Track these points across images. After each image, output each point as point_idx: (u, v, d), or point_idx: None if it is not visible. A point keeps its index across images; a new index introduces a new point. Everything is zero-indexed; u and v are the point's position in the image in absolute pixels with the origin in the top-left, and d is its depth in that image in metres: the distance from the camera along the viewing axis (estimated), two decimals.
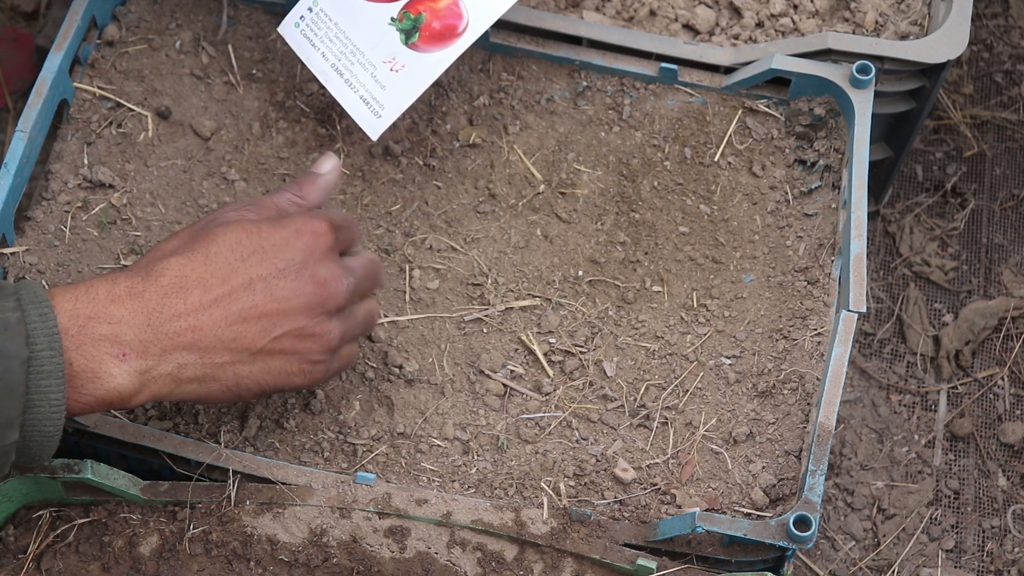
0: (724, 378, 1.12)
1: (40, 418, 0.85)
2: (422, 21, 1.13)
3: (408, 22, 1.14)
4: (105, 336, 0.87)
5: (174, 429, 1.08)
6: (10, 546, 1.03)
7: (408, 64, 1.13)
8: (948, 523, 1.33)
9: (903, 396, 1.39)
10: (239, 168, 1.20)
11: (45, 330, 0.84)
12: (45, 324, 0.84)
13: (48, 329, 0.84)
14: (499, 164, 1.21)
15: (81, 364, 0.86)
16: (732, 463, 1.08)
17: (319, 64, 1.16)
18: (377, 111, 1.14)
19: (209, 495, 1.03)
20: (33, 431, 0.86)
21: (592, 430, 1.09)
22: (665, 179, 1.20)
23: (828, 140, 1.20)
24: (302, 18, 1.17)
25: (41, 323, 0.84)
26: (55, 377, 0.84)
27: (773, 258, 1.17)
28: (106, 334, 0.87)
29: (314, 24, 1.16)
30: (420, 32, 1.13)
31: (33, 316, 0.84)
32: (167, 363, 0.90)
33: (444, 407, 1.10)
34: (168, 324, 0.90)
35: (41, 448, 0.87)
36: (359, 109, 1.15)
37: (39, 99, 1.14)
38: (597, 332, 1.14)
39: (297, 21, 1.17)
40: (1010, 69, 1.57)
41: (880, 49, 1.20)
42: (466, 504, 1.03)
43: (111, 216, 1.16)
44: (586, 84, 1.24)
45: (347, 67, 1.15)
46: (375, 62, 1.14)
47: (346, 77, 1.15)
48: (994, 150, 1.53)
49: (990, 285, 1.45)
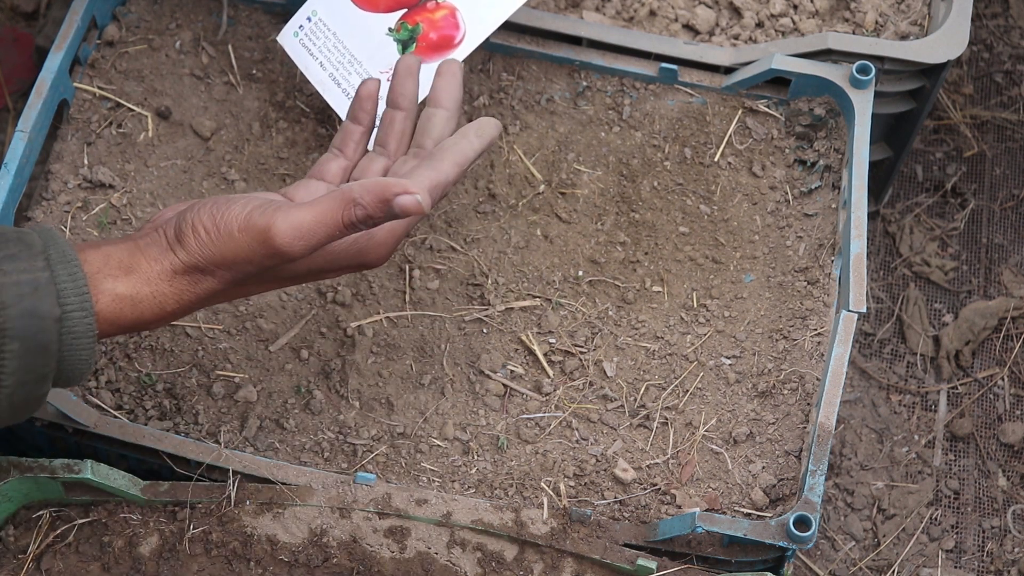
0: (724, 378, 1.12)
1: (69, 370, 0.87)
2: (419, 32, 1.14)
3: (405, 33, 1.14)
4: (126, 295, 0.89)
5: (174, 429, 1.08)
6: (10, 546, 1.03)
7: None
8: (948, 523, 1.33)
9: (903, 396, 1.39)
10: (239, 168, 1.20)
11: (75, 289, 0.85)
12: (75, 284, 0.85)
13: (78, 288, 0.85)
14: (499, 164, 1.21)
15: (104, 310, 0.88)
16: (732, 463, 1.08)
17: (317, 74, 1.16)
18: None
19: (209, 495, 1.03)
20: (60, 381, 0.88)
21: (592, 430, 1.09)
22: (665, 179, 1.20)
23: (828, 140, 1.20)
24: (301, 28, 1.17)
25: (71, 282, 0.85)
26: (86, 336, 0.86)
27: (773, 258, 1.17)
28: (127, 293, 0.89)
29: (312, 34, 1.17)
30: (417, 43, 1.14)
31: (63, 275, 0.85)
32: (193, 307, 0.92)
33: (444, 407, 1.10)
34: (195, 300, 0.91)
35: (68, 383, 0.89)
36: None
37: (39, 99, 1.14)
38: (597, 332, 1.14)
39: (296, 31, 1.17)
40: (1010, 69, 1.57)
41: (880, 49, 1.20)
42: (466, 504, 1.03)
43: (111, 216, 1.16)
44: (586, 84, 1.24)
45: (345, 77, 1.15)
46: (373, 72, 1.15)
47: (344, 87, 1.15)
48: (994, 150, 1.53)
49: (990, 285, 1.45)
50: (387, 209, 0.88)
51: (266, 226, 0.87)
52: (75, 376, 0.87)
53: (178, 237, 0.89)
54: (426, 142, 1.01)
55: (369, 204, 0.88)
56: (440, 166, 0.94)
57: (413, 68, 1.03)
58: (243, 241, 0.88)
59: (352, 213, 0.88)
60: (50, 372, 0.86)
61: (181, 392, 1.09)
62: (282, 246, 0.87)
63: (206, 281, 0.90)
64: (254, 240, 0.87)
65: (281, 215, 0.87)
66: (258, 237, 0.87)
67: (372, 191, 0.88)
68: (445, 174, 0.94)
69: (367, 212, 0.88)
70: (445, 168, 0.95)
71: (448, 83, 1.03)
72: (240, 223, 0.88)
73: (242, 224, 0.88)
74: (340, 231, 0.88)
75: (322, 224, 0.88)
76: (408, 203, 0.88)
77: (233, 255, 0.88)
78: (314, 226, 0.87)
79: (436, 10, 1.14)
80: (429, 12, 1.14)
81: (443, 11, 1.14)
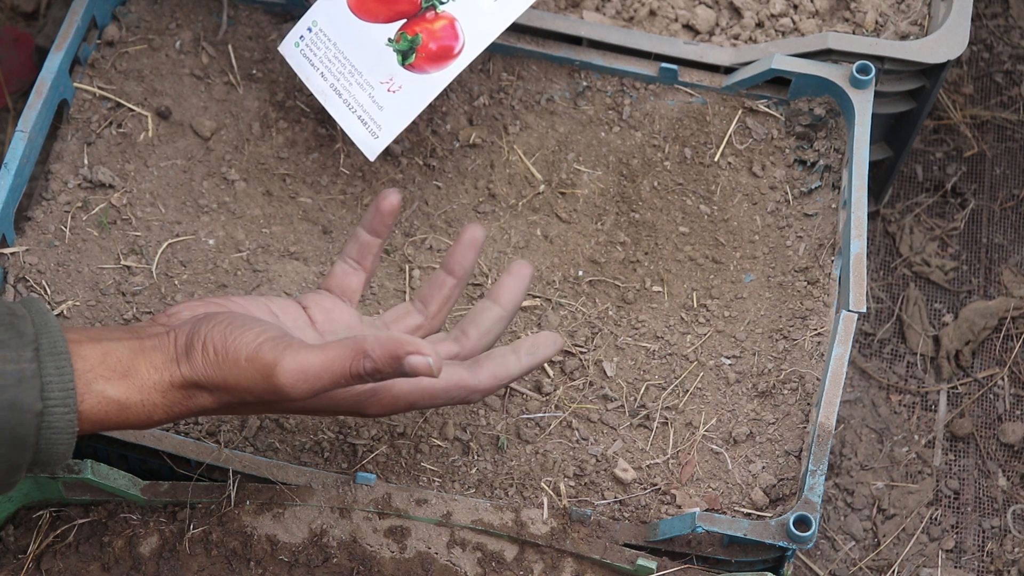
0: (724, 378, 1.12)
1: (45, 460, 0.86)
2: (418, 42, 1.14)
3: (405, 43, 1.14)
4: (115, 399, 0.87)
5: (174, 429, 1.08)
6: (10, 546, 1.03)
7: (405, 85, 1.14)
8: (948, 523, 1.33)
9: (903, 396, 1.39)
10: (239, 168, 1.20)
11: (61, 384, 0.84)
12: (61, 379, 0.84)
13: (64, 384, 0.84)
14: (499, 164, 1.21)
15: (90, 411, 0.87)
16: (732, 463, 1.08)
17: (318, 84, 1.17)
18: (375, 131, 1.14)
19: (209, 495, 1.03)
20: (35, 468, 0.87)
21: (592, 430, 1.09)
22: (665, 179, 1.20)
23: (828, 140, 1.20)
24: (302, 38, 1.17)
25: (57, 376, 0.84)
26: (66, 432, 0.85)
27: (773, 258, 1.17)
28: (117, 397, 0.87)
29: (313, 44, 1.17)
30: (417, 53, 1.14)
31: (50, 368, 0.84)
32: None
33: (444, 407, 1.10)
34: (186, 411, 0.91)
35: (42, 470, 0.88)
36: (357, 129, 1.15)
37: (39, 99, 1.14)
38: (597, 332, 1.14)
39: (297, 41, 1.17)
40: (1010, 69, 1.57)
41: (880, 49, 1.20)
42: (466, 504, 1.03)
43: (111, 216, 1.16)
44: (586, 84, 1.24)
45: (345, 87, 1.16)
46: (373, 83, 1.15)
47: (344, 97, 1.16)
48: (994, 150, 1.53)
49: (990, 285, 1.45)
50: (397, 367, 0.86)
51: (273, 362, 0.85)
52: (50, 464, 0.86)
53: (187, 350, 0.87)
54: (470, 331, 0.99)
55: (379, 359, 0.86)
56: (477, 372, 0.96)
57: (477, 240, 1.01)
58: (248, 371, 0.86)
59: (361, 365, 0.86)
60: (24, 463, 0.85)
61: None
62: (284, 386, 0.85)
63: (201, 398, 0.88)
64: (258, 373, 0.86)
65: (290, 354, 0.85)
66: (263, 371, 0.85)
67: (384, 346, 0.86)
68: (478, 379, 0.96)
69: (376, 366, 0.86)
70: (481, 376, 0.96)
71: (515, 284, 1.01)
72: (248, 353, 0.86)
73: (250, 354, 0.86)
74: (346, 380, 0.86)
75: (329, 371, 0.86)
76: (419, 364, 0.85)
77: (235, 382, 0.87)
78: (320, 372, 0.86)
79: (435, 20, 1.14)
80: (428, 23, 1.14)
81: (442, 21, 1.14)
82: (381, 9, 1.15)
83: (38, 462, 0.86)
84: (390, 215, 1.01)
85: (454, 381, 0.95)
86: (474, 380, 0.95)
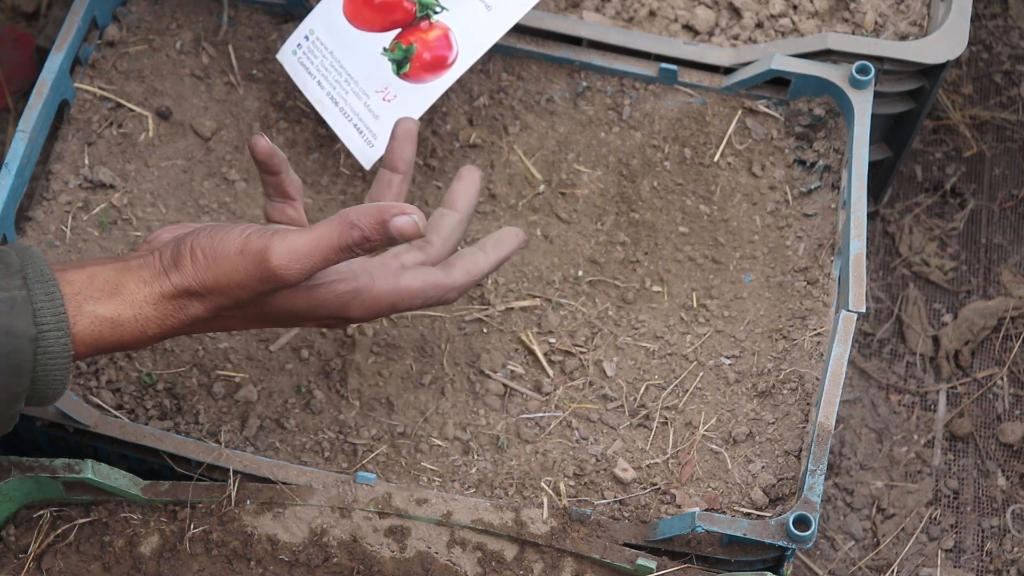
0: (724, 378, 1.12)
1: (43, 389, 0.87)
2: (413, 52, 1.14)
3: (399, 52, 1.14)
4: (108, 317, 0.88)
5: (175, 429, 1.08)
6: (11, 546, 1.03)
7: (400, 94, 1.14)
8: (947, 523, 1.33)
9: (902, 396, 1.39)
10: (239, 168, 1.20)
11: (52, 309, 0.85)
12: (52, 303, 0.85)
13: (55, 308, 0.85)
14: (499, 164, 1.21)
15: (83, 332, 0.88)
16: (732, 463, 1.08)
17: (315, 92, 1.17)
18: (370, 140, 1.15)
19: (209, 495, 1.03)
20: (33, 400, 0.88)
21: (592, 430, 1.10)
22: (665, 179, 1.21)
23: (828, 140, 1.20)
24: (299, 46, 1.18)
25: (48, 302, 0.85)
26: (62, 357, 0.86)
27: (773, 258, 1.17)
28: (109, 315, 0.88)
29: (310, 52, 1.17)
30: (411, 63, 1.14)
31: (40, 295, 0.85)
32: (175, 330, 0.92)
33: (444, 407, 1.10)
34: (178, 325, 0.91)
35: (41, 403, 0.89)
36: (353, 138, 1.16)
37: (40, 99, 1.14)
38: (597, 332, 1.14)
39: (294, 49, 1.18)
40: (1009, 69, 1.57)
41: (880, 49, 1.20)
42: (466, 504, 1.04)
43: (112, 216, 1.16)
44: (586, 84, 1.24)
45: (342, 96, 1.16)
46: (368, 91, 1.15)
47: (341, 106, 1.16)
48: (993, 150, 1.53)
49: (989, 285, 1.45)
50: (384, 231, 0.88)
51: (263, 247, 0.87)
52: (48, 395, 0.87)
53: (174, 260, 0.89)
54: (433, 238, 1.02)
55: (367, 226, 0.87)
56: (450, 271, 0.99)
57: (412, 132, 1.04)
58: (239, 263, 0.88)
59: (349, 235, 0.87)
60: (23, 392, 0.86)
61: (182, 392, 1.10)
62: (277, 268, 0.87)
63: (193, 306, 0.89)
64: (250, 262, 0.87)
65: (278, 238, 0.87)
66: (255, 259, 0.87)
67: (370, 213, 0.88)
68: (452, 277, 0.99)
69: (364, 234, 0.88)
70: (455, 274, 0.99)
71: (466, 188, 1.04)
72: (238, 245, 0.88)
73: (239, 246, 0.88)
74: (337, 255, 0.88)
75: (319, 248, 0.87)
76: (404, 224, 0.88)
77: (227, 279, 0.88)
78: (311, 249, 0.87)
79: (429, 30, 1.14)
80: (423, 32, 1.15)
81: (436, 31, 1.14)
82: (376, 18, 1.16)
83: (36, 392, 0.87)
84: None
85: (430, 281, 0.98)
86: (448, 279, 0.99)
